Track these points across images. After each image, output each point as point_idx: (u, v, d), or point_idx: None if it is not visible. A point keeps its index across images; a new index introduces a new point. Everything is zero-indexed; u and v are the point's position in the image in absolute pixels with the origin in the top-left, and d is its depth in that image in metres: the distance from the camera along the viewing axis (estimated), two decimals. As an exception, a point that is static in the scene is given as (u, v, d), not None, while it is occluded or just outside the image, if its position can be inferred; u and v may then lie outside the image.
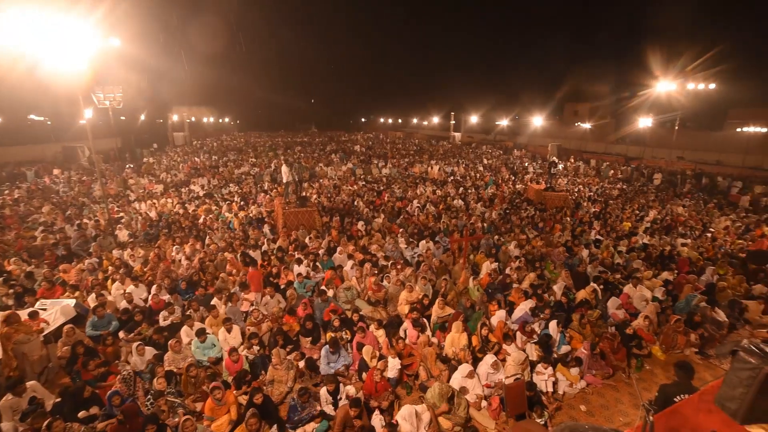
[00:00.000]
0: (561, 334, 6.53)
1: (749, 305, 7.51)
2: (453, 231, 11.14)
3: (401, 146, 37.13)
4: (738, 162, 25.53)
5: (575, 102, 43.31)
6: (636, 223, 13.26)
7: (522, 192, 17.34)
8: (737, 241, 11.31)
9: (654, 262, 9.60)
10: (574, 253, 9.73)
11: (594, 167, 27.02)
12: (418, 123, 70.67)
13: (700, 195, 19.34)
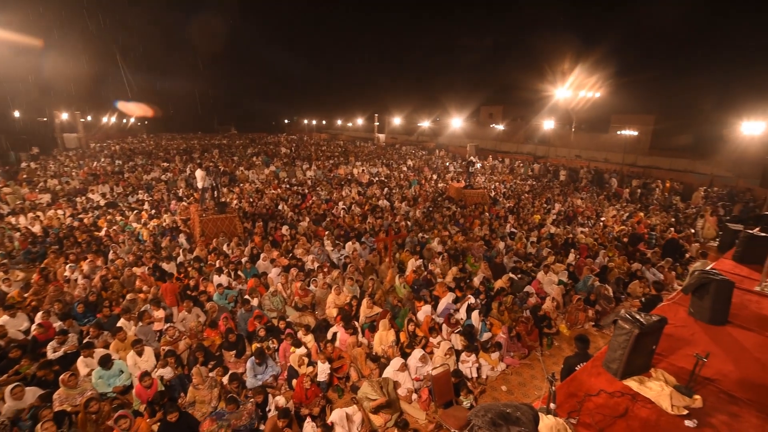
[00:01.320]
0: (482, 322, 6.97)
1: (631, 283, 8.72)
2: (379, 231, 11.32)
3: (326, 148, 36.79)
4: (619, 159, 29.56)
5: (490, 105, 46.58)
6: (544, 215, 14.66)
7: (444, 190, 18.20)
8: (621, 227, 13.07)
9: (559, 249, 10.69)
10: (492, 245, 10.46)
11: (508, 165, 29.36)
12: (343, 124, 70.59)
13: (594, 188, 22.04)
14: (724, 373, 3.78)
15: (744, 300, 5.38)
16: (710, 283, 4.45)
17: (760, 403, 3.44)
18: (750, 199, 18.11)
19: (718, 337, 4.41)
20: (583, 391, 3.50)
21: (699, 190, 19.83)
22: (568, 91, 29.33)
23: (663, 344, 4.14)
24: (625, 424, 3.17)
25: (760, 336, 4.46)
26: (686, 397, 3.36)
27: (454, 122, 42.08)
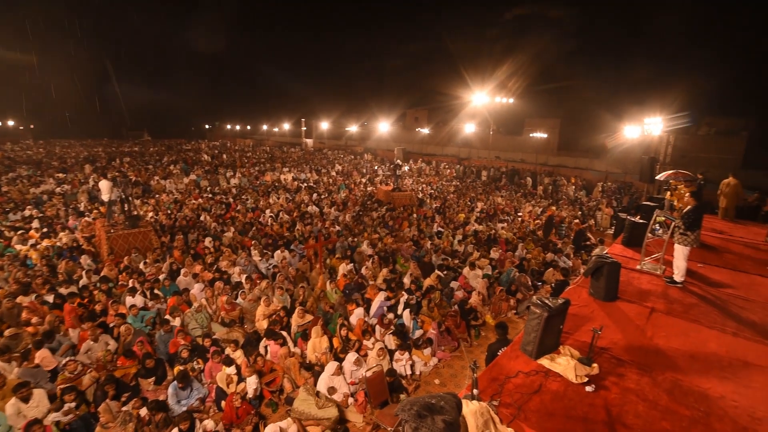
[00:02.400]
0: (414, 320, 7.18)
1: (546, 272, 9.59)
2: (308, 238, 11.14)
3: (251, 154, 35.28)
4: (533, 159, 32.50)
5: (416, 109, 48.29)
6: (468, 213, 15.55)
7: (373, 194, 18.47)
8: (535, 221, 14.35)
9: (482, 245, 11.41)
10: (420, 245, 10.84)
11: (434, 167, 30.65)
12: (269, 130, 68.26)
13: (512, 187, 23.91)
14: (615, 341, 4.34)
15: (629, 277, 6.23)
16: (603, 266, 5.08)
17: (639, 362, 4.01)
18: (634, 191, 20.98)
19: (611, 312, 5.05)
20: (504, 374, 3.78)
21: (597, 185, 22.49)
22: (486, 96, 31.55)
23: (569, 323, 4.63)
24: (539, 398, 3.49)
25: (640, 306, 5.20)
26: (587, 366, 3.79)
27: (382, 126, 42.94)
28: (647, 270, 6.68)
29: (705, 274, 6.62)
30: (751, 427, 3.19)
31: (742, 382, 3.75)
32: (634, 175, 22.00)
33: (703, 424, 3.20)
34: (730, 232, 9.96)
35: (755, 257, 7.82)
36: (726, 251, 8.25)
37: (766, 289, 6.16)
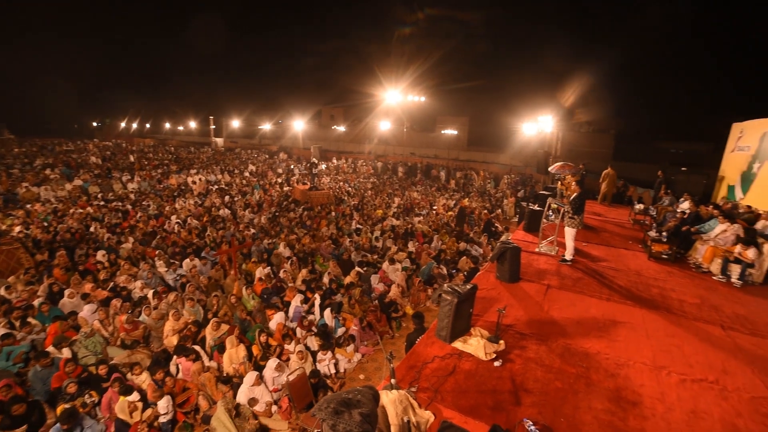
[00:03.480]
0: (335, 319, 7.15)
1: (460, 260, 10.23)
2: (221, 243, 10.43)
3: (152, 155, 31.86)
4: (446, 155, 34.38)
5: (332, 107, 47.86)
6: (386, 209, 15.90)
7: (289, 194, 17.95)
8: (448, 213, 15.22)
9: (400, 239, 11.76)
10: (339, 243, 10.82)
11: (351, 165, 30.76)
12: (173, 128, 62.23)
13: (427, 181, 25.03)
14: (518, 317, 4.79)
15: (530, 259, 6.91)
16: (506, 251, 5.57)
17: (537, 333, 4.48)
18: (534, 182, 23.39)
19: (515, 292, 5.56)
20: (421, 361, 3.95)
21: (503, 177, 24.60)
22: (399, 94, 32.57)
23: (478, 306, 4.99)
24: (453, 379, 3.71)
25: (538, 284, 5.81)
26: (495, 344, 4.11)
27: (297, 124, 41.86)
28: (544, 251, 7.50)
29: (587, 251, 7.64)
30: (616, 372, 3.85)
31: (612, 338, 4.42)
32: (533, 168, 24.51)
33: (584, 378, 3.72)
34: (605, 215, 11.60)
35: (622, 234, 9.24)
36: (603, 230, 9.61)
37: (629, 259, 7.34)
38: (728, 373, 3.94)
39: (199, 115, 54.26)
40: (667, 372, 3.91)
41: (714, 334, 4.77)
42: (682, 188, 12.67)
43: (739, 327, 4.97)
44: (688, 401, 3.50)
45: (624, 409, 3.38)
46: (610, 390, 3.60)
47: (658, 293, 5.93)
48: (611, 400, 3.47)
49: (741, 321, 5.15)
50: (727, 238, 7.32)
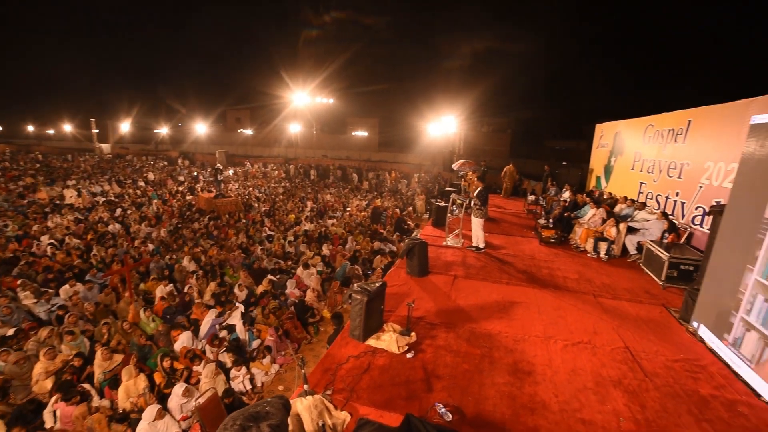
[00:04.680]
0: (249, 332, 6.78)
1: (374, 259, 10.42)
2: (111, 263, 9.20)
3: (9, 164, 26.70)
4: (358, 156, 34.78)
5: (237, 109, 45.24)
6: (299, 213, 15.55)
7: (193, 203, 16.57)
8: (362, 214, 15.44)
9: (314, 242, 11.60)
10: (250, 252, 10.29)
11: (261, 170, 29.46)
12: (39, 132, 52.83)
13: (340, 183, 25.05)
14: (428, 309, 5.04)
15: (438, 253, 7.32)
16: (414, 247, 5.81)
17: (446, 322, 4.76)
18: (443, 180, 24.83)
19: (425, 285, 5.84)
20: (336, 363, 3.93)
21: (414, 176, 25.67)
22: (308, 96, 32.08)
23: (391, 302, 5.13)
24: (368, 376, 3.76)
25: (446, 276, 6.18)
26: (407, 337, 4.27)
27: (199, 128, 38.79)
28: (451, 244, 8.00)
29: (490, 240, 8.33)
30: (514, 347, 4.28)
31: (510, 318, 4.90)
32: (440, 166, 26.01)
33: (488, 357, 4.06)
34: (505, 206, 12.78)
35: (518, 223, 10.28)
36: (502, 221, 10.59)
37: (524, 245, 8.20)
38: (597, 333, 4.64)
39: (76, 117, 46.93)
40: (554, 341, 4.45)
41: (588, 302, 5.57)
42: (564, 180, 14.53)
43: (605, 294, 5.88)
44: (569, 362, 4.04)
45: (521, 379, 3.76)
46: (509, 364, 3.98)
47: (548, 273, 6.72)
48: (510, 373, 3.84)
49: (606, 289, 6.09)
50: (596, 221, 8.59)
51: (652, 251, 6.97)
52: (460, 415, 3.28)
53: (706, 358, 4.26)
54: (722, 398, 3.62)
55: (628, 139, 11.50)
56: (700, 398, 3.61)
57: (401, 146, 36.27)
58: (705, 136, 7.60)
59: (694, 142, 7.97)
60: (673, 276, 6.39)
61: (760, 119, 4.08)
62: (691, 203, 7.66)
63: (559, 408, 3.40)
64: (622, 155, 11.77)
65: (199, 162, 32.96)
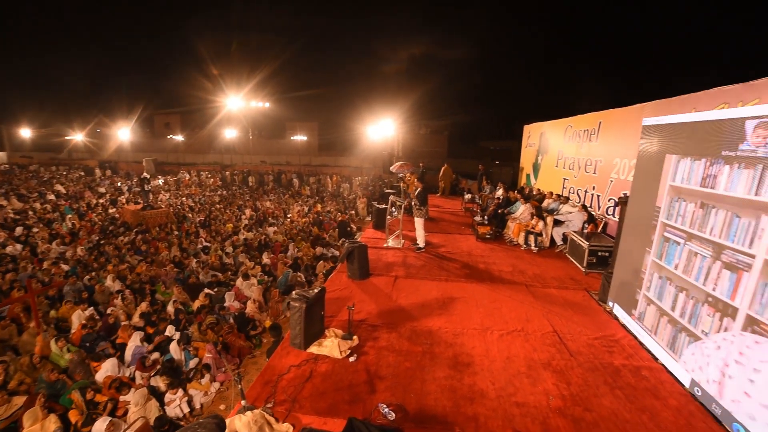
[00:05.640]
0: (185, 350, 6.34)
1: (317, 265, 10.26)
2: (10, 289, 8.06)
3: None
4: (298, 161, 34.09)
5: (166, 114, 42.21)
6: (237, 222, 14.86)
7: (116, 216, 15.15)
8: (303, 220, 15.13)
9: (254, 252, 11.15)
10: (184, 266, 9.64)
11: (195, 178, 27.76)
12: None
13: (280, 189, 24.34)
14: (369, 311, 5.06)
15: (379, 255, 7.38)
16: (354, 250, 5.81)
17: (388, 322, 4.81)
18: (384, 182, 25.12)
19: (366, 288, 5.85)
20: (277, 374, 3.81)
21: (355, 179, 25.68)
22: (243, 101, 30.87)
23: (332, 307, 5.09)
24: (311, 384, 3.69)
25: (387, 277, 6.26)
26: (349, 341, 4.25)
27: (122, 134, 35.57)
28: (392, 246, 8.11)
29: (429, 240, 8.57)
30: (454, 341, 4.44)
31: (450, 313, 5.08)
32: (380, 169, 26.29)
33: (429, 353, 4.17)
34: (443, 206, 13.22)
35: (456, 221, 10.70)
36: (441, 220, 10.94)
37: (462, 242, 8.54)
38: (529, 321, 4.96)
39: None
40: (491, 331, 4.69)
41: (521, 292, 5.94)
42: (497, 178, 15.39)
43: (536, 283, 6.31)
44: (504, 350, 4.27)
45: (460, 371, 3.91)
46: (450, 358, 4.12)
47: (485, 268, 7.06)
48: (450, 367, 3.97)
49: (537, 278, 6.55)
50: (526, 216, 9.20)
51: (575, 241, 7.62)
52: (403, 412, 3.33)
53: (619, 333, 4.74)
54: (630, 366, 4.05)
55: (551, 139, 12.47)
56: (614, 369, 4.00)
57: (342, 150, 36.17)
58: (612, 135, 8.46)
59: (604, 141, 8.85)
60: (592, 262, 7.04)
61: (649, 121, 4.64)
62: (605, 196, 8.49)
63: (496, 395, 3.58)
64: (547, 154, 12.73)
65: (123, 171, 30.24)
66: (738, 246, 3.13)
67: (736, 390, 3.05)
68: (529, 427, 3.20)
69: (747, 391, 2.94)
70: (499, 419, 3.28)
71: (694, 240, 3.67)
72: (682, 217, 3.88)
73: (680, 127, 4.05)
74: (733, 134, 3.24)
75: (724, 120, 3.40)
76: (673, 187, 4.07)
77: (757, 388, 2.85)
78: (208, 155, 36.11)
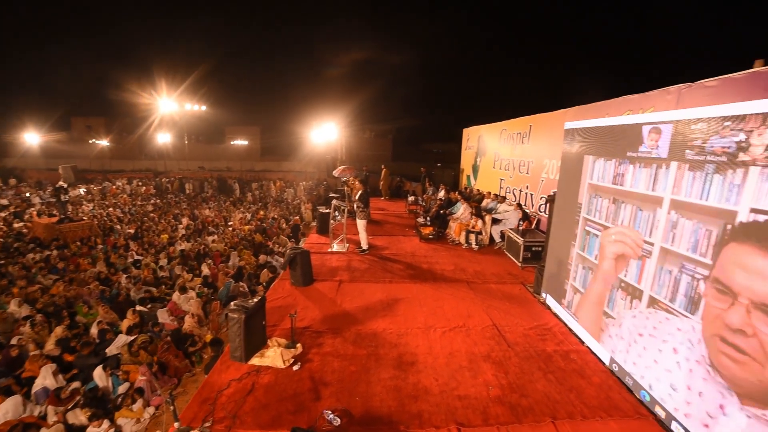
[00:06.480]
0: (113, 376, 5.81)
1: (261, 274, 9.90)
2: None
3: None
4: (239, 166, 32.73)
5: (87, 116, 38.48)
6: (173, 233, 13.93)
7: (25, 231, 13.52)
8: (246, 227, 14.55)
9: (192, 263, 10.51)
10: (112, 283, 8.84)
11: (124, 186, 25.58)
12: None
13: (220, 196, 23.21)
14: (314, 318, 4.98)
15: (324, 260, 7.30)
16: (296, 256, 5.69)
17: (332, 327, 4.77)
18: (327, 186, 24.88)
19: (310, 294, 5.76)
20: (216, 390, 3.62)
21: (299, 184, 25.16)
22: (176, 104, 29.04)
23: (275, 316, 4.94)
24: (252, 398, 3.54)
25: (332, 282, 6.20)
26: (292, 349, 4.15)
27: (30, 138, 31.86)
28: (337, 250, 8.05)
29: (374, 242, 8.63)
30: (398, 342, 4.50)
31: (394, 314, 5.15)
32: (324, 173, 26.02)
33: (374, 355, 4.19)
34: (388, 208, 13.37)
35: (401, 223, 10.87)
36: (386, 223, 11.06)
37: (406, 244, 8.71)
38: (470, 316, 5.17)
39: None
40: (434, 329, 4.81)
41: (462, 289, 6.17)
42: (439, 180, 15.88)
43: (477, 280, 6.59)
44: (447, 347, 4.41)
45: (405, 370, 3.97)
46: (394, 358, 4.17)
47: (428, 268, 7.24)
48: (395, 367, 4.02)
49: (478, 275, 6.84)
50: (466, 216, 9.58)
51: (512, 238, 8.08)
52: (348, 417, 3.31)
53: (552, 322, 5.09)
54: (561, 351, 4.37)
55: (488, 141, 13.13)
56: (546, 355, 4.29)
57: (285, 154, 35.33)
58: (542, 138, 9.10)
59: (535, 143, 9.48)
60: (527, 257, 7.51)
61: (570, 125, 5.05)
62: (537, 194, 9.09)
63: (439, 390, 3.68)
64: (485, 156, 13.38)
65: (33, 180, 27.04)
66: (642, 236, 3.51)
67: (641, 363, 3.41)
68: (470, 418, 3.32)
69: (649, 364, 3.30)
70: (442, 414, 3.37)
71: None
72: (599, 212, 4.27)
73: (595, 130, 4.46)
74: (634, 138, 3.63)
75: (627, 125, 3.80)
76: (591, 185, 4.46)
77: (659, 359, 3.20)
78: (140, 161, 33.47)
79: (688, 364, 2.92)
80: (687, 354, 2.94)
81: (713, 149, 2.75)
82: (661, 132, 3.31)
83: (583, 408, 3.47)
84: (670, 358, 3.11)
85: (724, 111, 2.69)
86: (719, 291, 2.65)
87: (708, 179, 2.80)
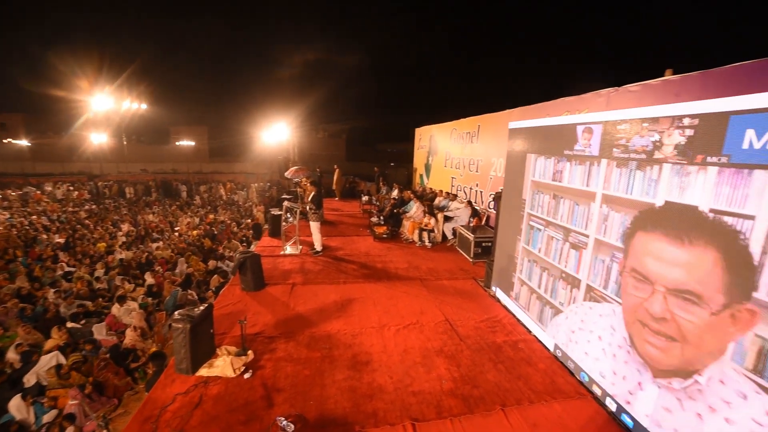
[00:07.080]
0: (35, 404, 5.28)
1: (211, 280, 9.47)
2: None
3: None
4: (186, 168, 31.04)
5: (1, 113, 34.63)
6: (111, 240, 12.93)
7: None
8: (194, 232, 13.85)
9: (135, 272, 9.82)
10: (36, 299, 8.02)
11: (52, 191, 23.34)
12: None
13: (165, 200, 21.89)
14: (266, 323, 4.83)
15: (276, 263, 7.11)
16: (246, 260, 5.50)
17: (286, 332, 4.66)
18: (282, 188, 24.29)
19: (261, 299, 5.58)
20: (159, 407, 3.40)
21: (251, 186, 24.33)
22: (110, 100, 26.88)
23: (225, 324, 4.73)
24: (200, 411, 3.37)
25: (284, 285, 6.06)
26: (243, 357, 3.99)
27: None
28: (290, 252, 7.87)
29: (327, 243, 8.53)
30: (352, 342, 4.48)
31: (348, 315, 5.12)
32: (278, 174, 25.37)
33: (328, 357, 4.14)
34: (343, 209, 13.28)
35: (355, 224, 10.84)
36: (340, 223, 10.97)
37: (360, 244, 8.70)
38: (424, 313, 5.26)
39: None
40: (388, 328, 4.84)
41: (416, 287, 6.26)
42: (393, 179, 16.01)
43: (430, 277, 6.72)
44: (401, 344, 4.46)
45: (359, 370, 3.96)
46: (349, 359, 4.14)
47: (382, 267, 7.27)
48: (350, 368, 3.99)
49: (431, 272, 6.98)
50: (419, 214, 9.75)
51: (463, 234, 8.33)
52: (302, 422, 3.24)
53: (501, 314, 5.31)
54: (510, 341, 4.57)
55: (440, 141, 13.44)
56: (496, 346, 4.47)
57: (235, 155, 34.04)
58: (490, 137, 9.46)
59: (483, 142, 9.84)
60: (478, 253, 7.77)
61: (513, 125, 5.30)
62: (487, 191, 9.44)
63: (393, 387, 3.71)
64: (437, 155, 13.69)
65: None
66: (579, 229, 3.76)
67: (580, 346, 3.66)
68: (424, 413, 3.38)
69: (587, 347, 3.54)
70: (397, 410, 3.40)
71: (551, 226, 4.29)
72: (541, 207, 4.51)
73: (536, 130, 4.71)
74: (570, 137, 3.87)
75: (564, 125, 4.05)
76: (534, 182, 4.70)
77: (594, 343, 3.45)
78: (71, 164, 30.69)
79: (611, 348, 3.19)
80: (610, 339, 3.21)
81: (635, 148, 3.00)
82: (592, 132, 3.55)
83: (530, 393, 3.65)
84: (596, 345, 3.37)
85: (642, 113, 2.95)
86: (637, 279, 2.91)
87: (632, 175, 3.05)
